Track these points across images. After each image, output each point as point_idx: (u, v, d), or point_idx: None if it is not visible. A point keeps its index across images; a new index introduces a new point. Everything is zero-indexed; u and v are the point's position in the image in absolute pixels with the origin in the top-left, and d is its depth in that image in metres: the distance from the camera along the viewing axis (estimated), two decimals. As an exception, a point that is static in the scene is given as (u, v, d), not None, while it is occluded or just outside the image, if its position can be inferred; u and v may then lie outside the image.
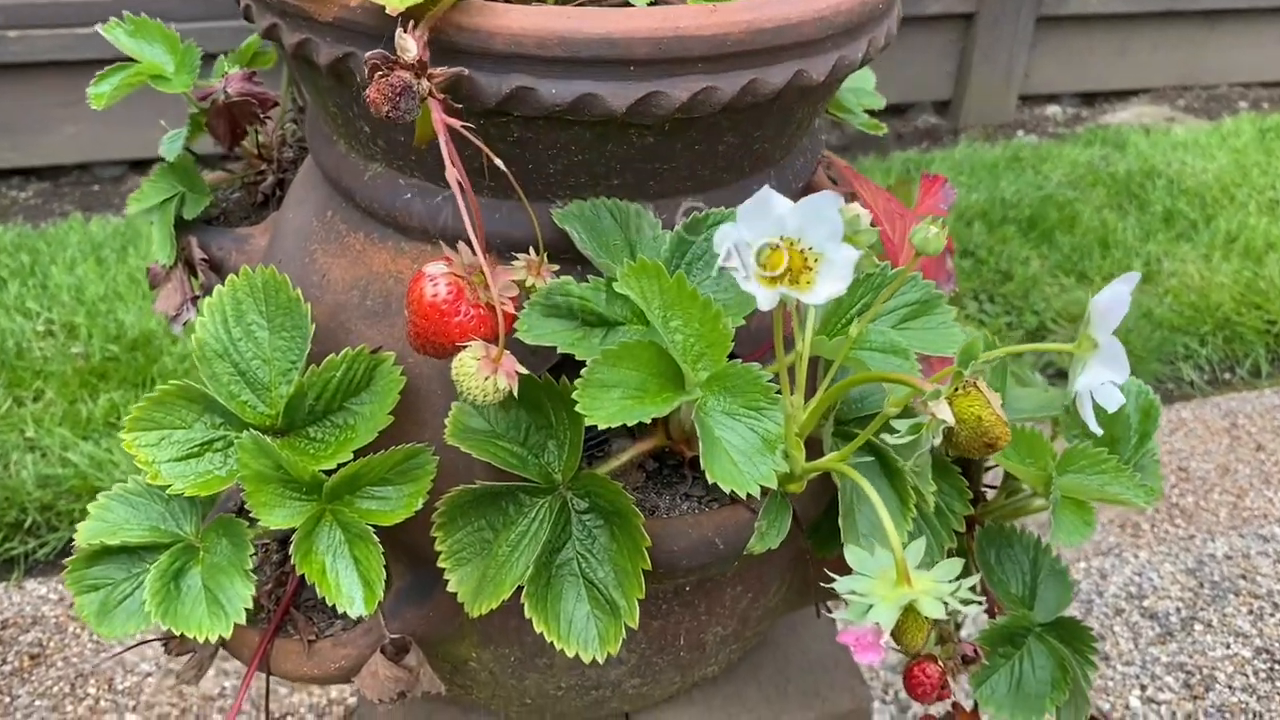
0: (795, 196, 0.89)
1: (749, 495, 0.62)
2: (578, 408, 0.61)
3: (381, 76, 0.59)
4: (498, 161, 0.67)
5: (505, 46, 0.69)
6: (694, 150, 0.77)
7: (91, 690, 1.60)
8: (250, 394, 0.81)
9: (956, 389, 0.54)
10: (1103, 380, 0.55)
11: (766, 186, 0.49)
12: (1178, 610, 1.74)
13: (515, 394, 0.65)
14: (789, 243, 0.51)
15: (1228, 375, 2.36)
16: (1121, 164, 2.91)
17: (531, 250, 0.75)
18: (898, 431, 0.55)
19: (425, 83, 0.60)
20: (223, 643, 0.91)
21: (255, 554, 0.97)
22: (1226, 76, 3.57)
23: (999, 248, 2.51)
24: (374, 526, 0.78)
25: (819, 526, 0.87)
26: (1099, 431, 0.59)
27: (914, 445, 0.55)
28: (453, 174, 0.63)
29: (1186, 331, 2.39)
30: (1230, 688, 1.62)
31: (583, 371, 0.63)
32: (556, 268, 0.76)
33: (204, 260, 0.97)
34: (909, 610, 0.51)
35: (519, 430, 0.76)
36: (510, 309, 0.69)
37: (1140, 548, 1.86)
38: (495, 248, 0.80)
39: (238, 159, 1.05)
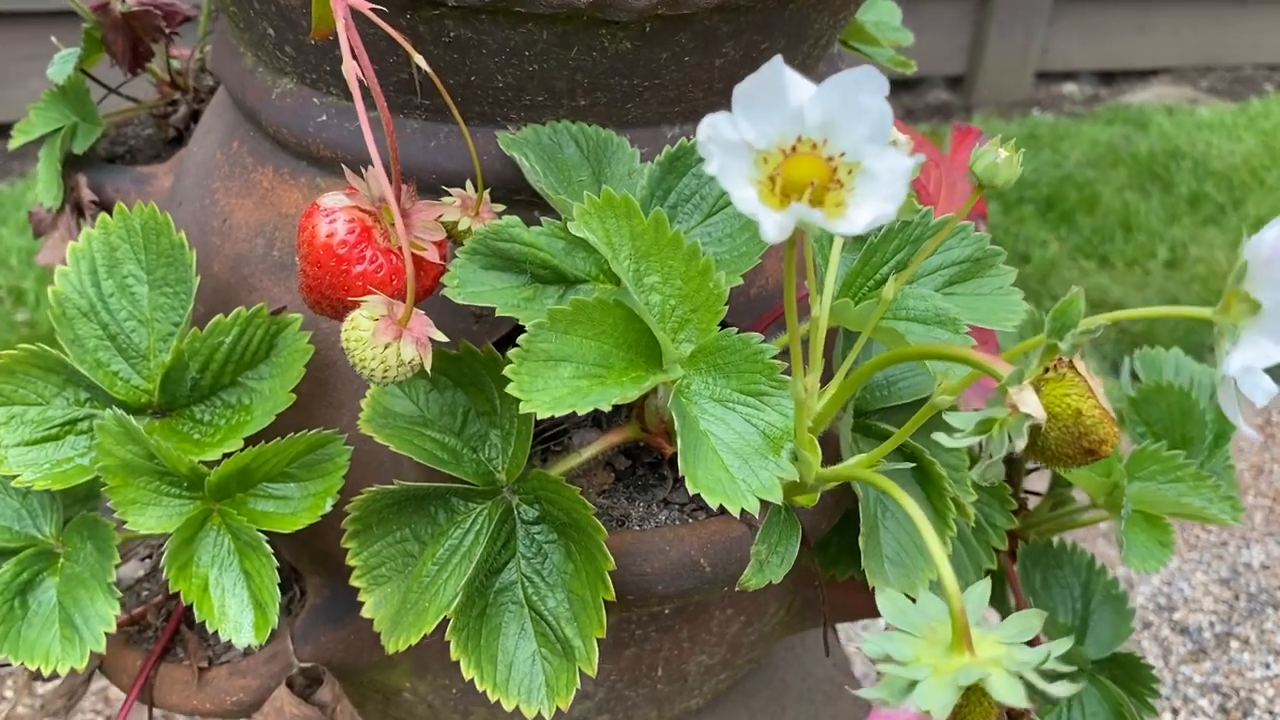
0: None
1: (744, 511, 0.45)
2: (511, 388, 0.45)
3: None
4: (419, 59, 0.51)
5: (435, -89, 0.52)
6: (683, 63, 0.61)
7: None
8: (122, 363, 0.65)
9: (1046, 370, 0.38)
10: (1266, 358, 0.39)
11: (777, 59, 0.33)
12: (1211, 625, 1.58)
13: (427, 367, 0.49)
14: (809, 145, 0.34)
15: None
16: (1144, 144, 2.74)
17: (469, 184, 0.59)
18: (955, 430, 0.39)
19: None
20: (100, 663, 0.75)
21: (144, 558, 0.80)
22: (1252, 58, 3.40)
23: (1015, 229, 2.35)
24: (268, 533, 0.61)
25: (829, 541, 0.71)
26: (1252, 434, 0.43)
27: (982, 453, 0.39)
28: (351, 68, 0.47)
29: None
30: (1271, 713, 1.46)
31: (521, 339, 0.47)
32: (502, 208, 0.59)
33: (94, 203, 0.80)
34: (973, 692, 0.35)
35: (454, 416, 0.60)
36: (434, 256, 0.53)
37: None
38: (431, 185, 0.63)
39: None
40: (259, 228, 0.68)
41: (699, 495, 0.48)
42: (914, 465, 0.58)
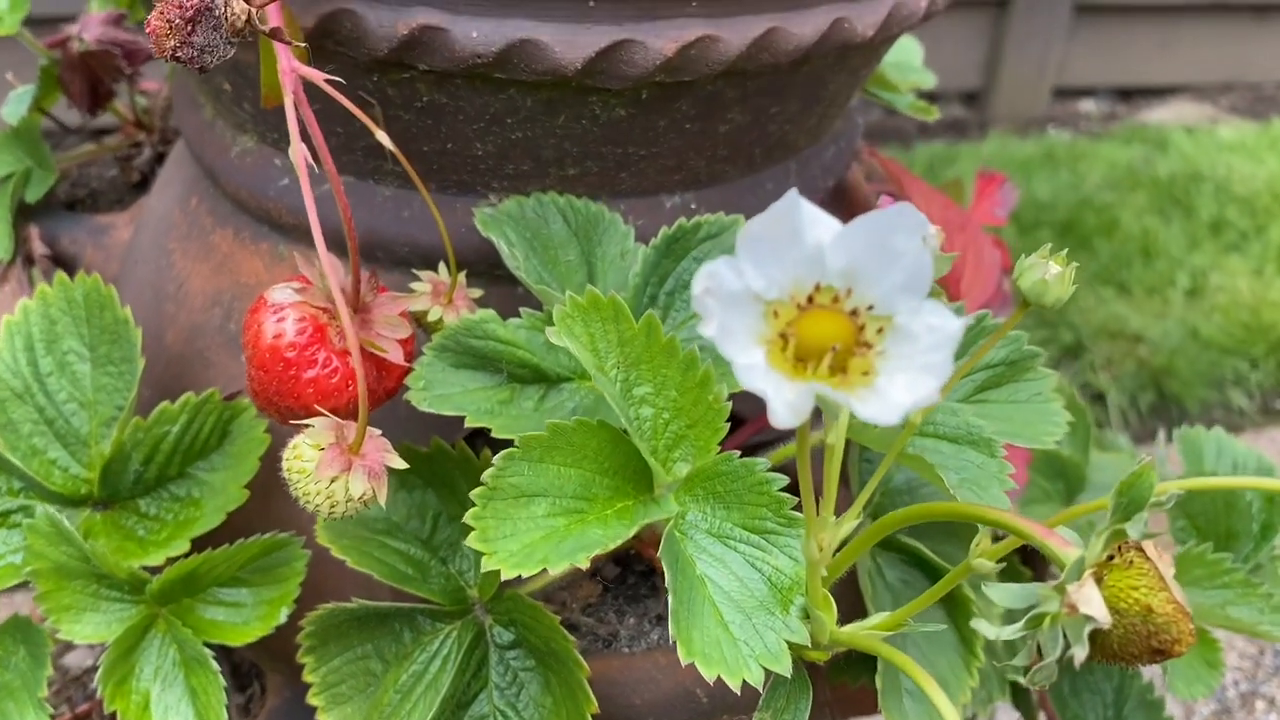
0: (823, 197, 0.66)
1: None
2: (472, 540, 0.39)
3: (174, -8, 0.36)
4: (382, 137, 0.44)
5: (403, -35, 0.46)
6: (683, 131, 0.54)
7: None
8: (61, 450, 0.58)
9: (1111, 557, 0.31)
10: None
11: (792, 192, 0.27)
12: (1235, 684, 1.52)
13: (381, 501, 0.42)
14: (830, 295, 0.28)
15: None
16: (1163, 166, 2.67)
17: (441, 267, 0.52)
18: (996, 608, 0.33)
19: (240, 4, 0.37)
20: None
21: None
22: (1273, 75, 3.33)
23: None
24: (213, 647, 0.55)
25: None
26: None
27: (1035, 650, 0.32)
28: (299, 151, 0.40)
29: (1237, 353, 2.16)
30: (1297, 777, 1.39)
31: (487, 474, 0.40)
32: (479, 293, 0.53)
33: (47, 256, 0.74)
34: None
35: (423, 520, 0.54)
36: (398, 356, 0.46)
37: (1191, 605, 1.63)
38: (403, 259, 0.57)
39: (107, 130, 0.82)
40: (216, 296, 0.62)
41: None
42: (944, 627, 0.52)
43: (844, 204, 0.69)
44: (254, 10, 0.37)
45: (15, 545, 0.58)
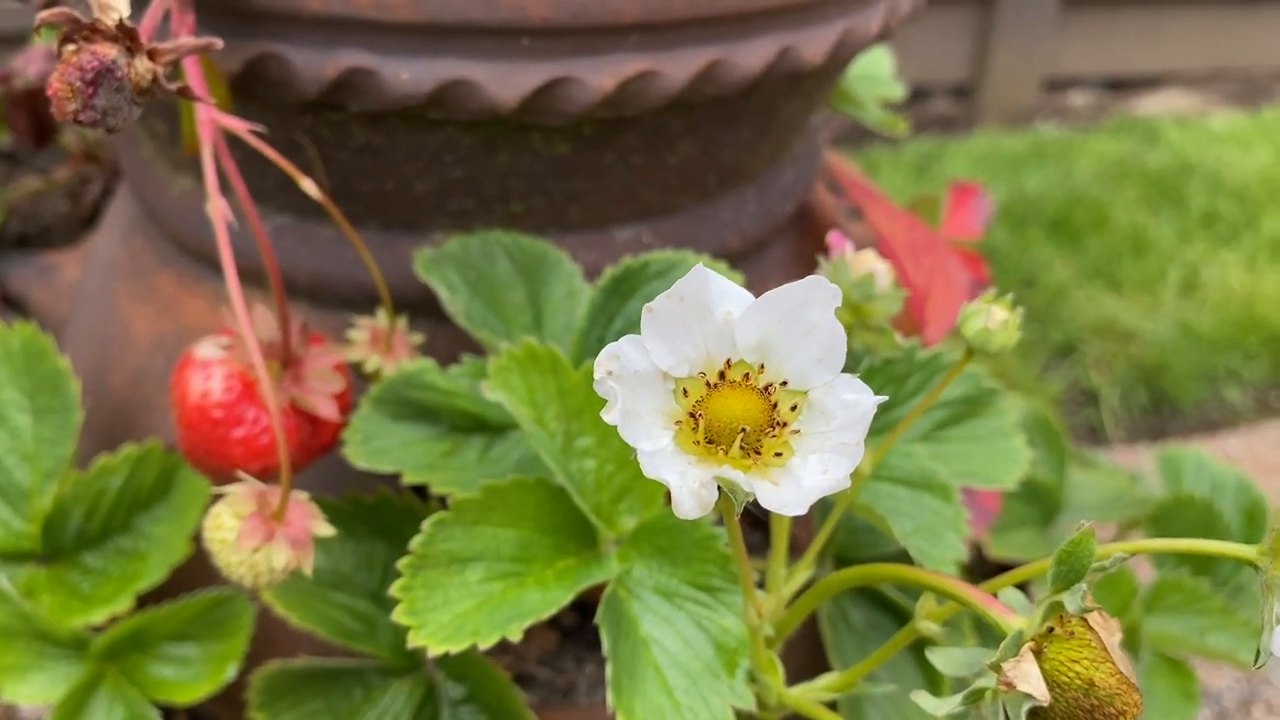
0: (783, 222, 0.65)
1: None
2: (398, 614, 0.37)
3: (73, 53, 0.35)
4: (308, 186, 0.43)
5: (327, 6, 0.44)
6: (630, 164, 0.53)
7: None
8: (2, 505, 0.57)
9: (1052, 629, 0.30)
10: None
11: (699, 266, 0.25)
12: (1230, 689, 1.50)
13: (307, 571, 0.41)
14: (742, 371, 0.26)
15: (1275, 398, 2.11)
16: (1154, 158, 2.65)
17: (380, 313, 0.51)
18: (940, 688, 0.31)
19: (144, 64, 0.35)
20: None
21: None
22: (1263, 61, 3.31)
23: (1022, 251, 2.26)
24: (166, 706, 0.54)
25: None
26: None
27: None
28: (217, 206, 0.39)
29: (1230, 348, 2.14)
30: (1296, 781, 1.38)
31: (415, 542, 0.39)
32: (420, 339, 0.51)
33: (-4, 297, 0.73)
34: None
35: (371, 570, 0.52)
36: (331, 412, 0.45)
37: (1186, 606, 1.61)
38: (347, 299, 0.55)
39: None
40: (159, 340, 0.60)
41: None
42: (894, 687, 0.50)
43: (809, 227, 0.67)
44: (159, 69, 0.36)
45: (-44, 604, 0.57)
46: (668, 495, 0.43)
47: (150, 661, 0.55)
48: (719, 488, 0.25)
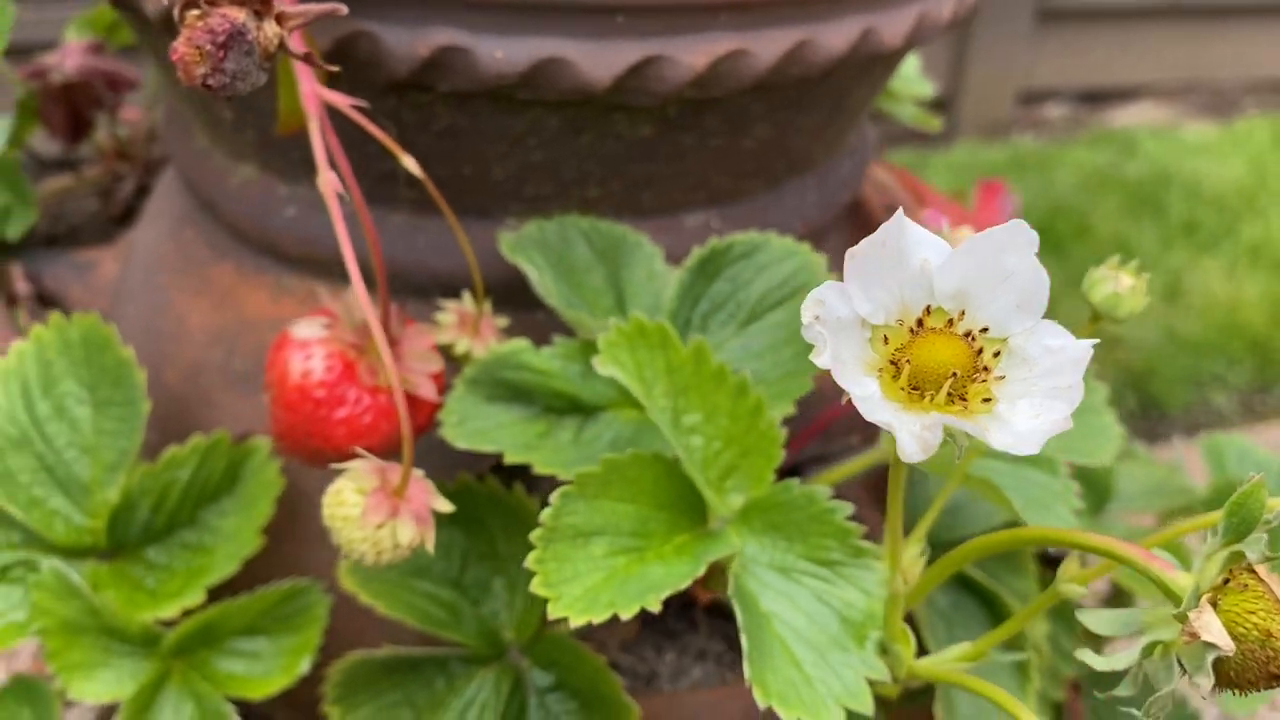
0: (840, 213, 0.65)
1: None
2: (536, 586, 0.37)
3: (198, 18, 0.34)
4: (409, 163, 0.42)
5: (423, -18, 0.44)
6: (708, 147, 0.53)
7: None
8: (62, 499, 0.56)
9: (1226, 580, 0.30)
10: None
11: (899, 213, 0.25)
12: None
13: (429, 547, 0.40)
14: (942, 318, 0.26)
15: (1259, 402, 2.14)
16: (1132, 168, 2.69)
17: (466, 295, 0.50)
18: (1098, 638, 0.31)
19: (272, 27, 0.35)
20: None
21: None
22: (1233, 73, 3.36)
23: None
24: (236, 701, 0.53)
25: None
26: None
27: (1141, 681, 0.31)
28: (328, 180, 0.38)
29: (1215, 353, 2.17)
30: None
31: (545, 514, 0.38)
32: (505, 322, 0.51)
33: (31, 296, 0.71)
34: None
35: (450, 560, 0.51)
36: (431, 392, 0.44)
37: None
38: (419, 287, 0.55)
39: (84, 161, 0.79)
40: (218, 333, 0.60)
41: (737, 642, 0.40)
42: (977, 600, 0.50)
43: (861, 219, 0.67)
44: (285, 34, 0.35)
45: (16, 602, 0.55)
46: (778, 471, 0.42)
47: (218, 657, 0.54)
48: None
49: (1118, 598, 0.71)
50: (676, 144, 0.51)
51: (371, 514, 0.38)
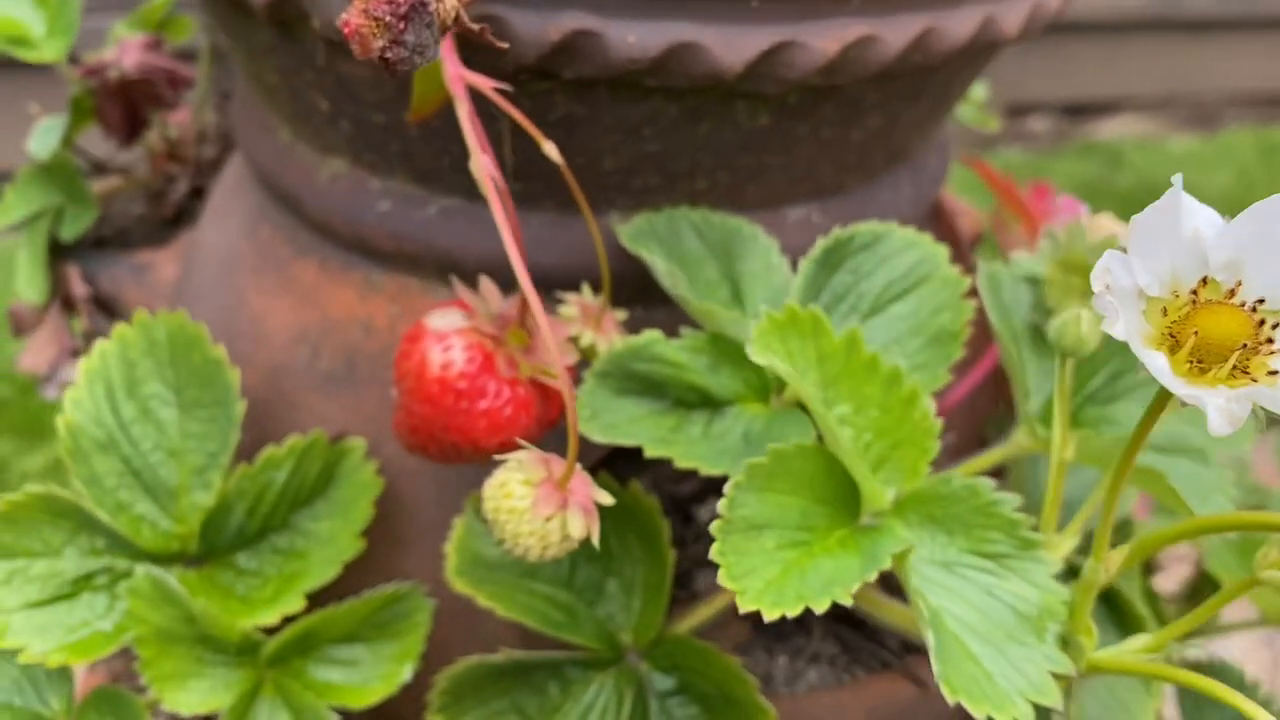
0: (928, 209, 0.64)
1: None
2: (723, 579, 0.35)
3: (371, -10, 0.33)
4: (551, 150, 0.41)
5: (556, -36, 0.43)
6: (819, 138, 0.52)
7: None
8: (149, 504, 0.54)
9: None
10: None
11: (1177, 182, 0.24)
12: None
13: (594, 540, 0.39)
14: (1219, 290, 0.25)
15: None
16: (1121, 180, 2.71)
17: (586, 289, 0.49)
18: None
19: (451, 0, 0.34)
20: None
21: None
22: (1215, 85, 3.40)
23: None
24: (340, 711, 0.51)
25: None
26: None
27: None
28: (483, 165, 0.37)
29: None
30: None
31: (722, 505, 0.37)
32: (624, 315, 0.49)
33: (88, 298, 0.69)
34: None
35: (560, 563, 0.50)
36: (565, 385, 0.43)
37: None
38: (510, 283, 0.54)
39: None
40: (301, 333, 0.58)
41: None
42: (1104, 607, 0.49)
43: (941, 215, 0.66)
44: (462, 7, 0.34)
45: (101, 610, 0.53)
46: (932, 463, 0.41)
47: (315, 665, 0.52)
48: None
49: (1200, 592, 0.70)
50: (790, 134, 0.50)
51: (542, 506, 0.37)
